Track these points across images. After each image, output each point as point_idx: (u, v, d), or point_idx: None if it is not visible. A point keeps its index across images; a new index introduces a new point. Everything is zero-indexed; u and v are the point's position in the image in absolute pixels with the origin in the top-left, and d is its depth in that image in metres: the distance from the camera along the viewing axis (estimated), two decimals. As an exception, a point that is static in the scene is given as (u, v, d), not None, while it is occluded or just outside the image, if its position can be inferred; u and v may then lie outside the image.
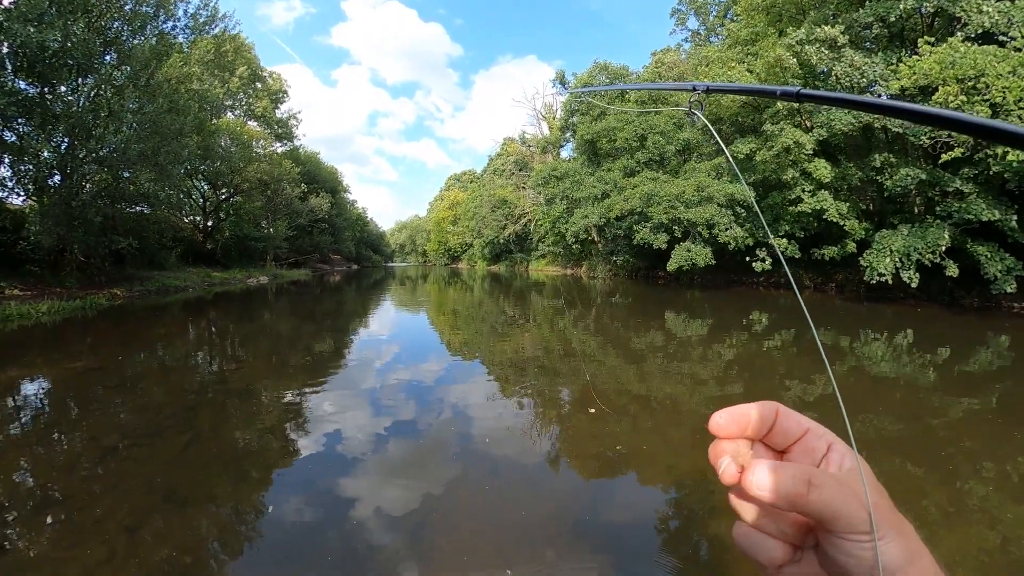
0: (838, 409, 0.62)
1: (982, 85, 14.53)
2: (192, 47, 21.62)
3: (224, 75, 30.59)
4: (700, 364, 7.67)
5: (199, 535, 3.00)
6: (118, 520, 3.09)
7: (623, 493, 3.69)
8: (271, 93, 39.92)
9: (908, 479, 3.92)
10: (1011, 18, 15.33)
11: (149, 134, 16.10)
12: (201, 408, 5.35)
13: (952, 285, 16.93)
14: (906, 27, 19.37)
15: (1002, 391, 6.49)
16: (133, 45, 16.21)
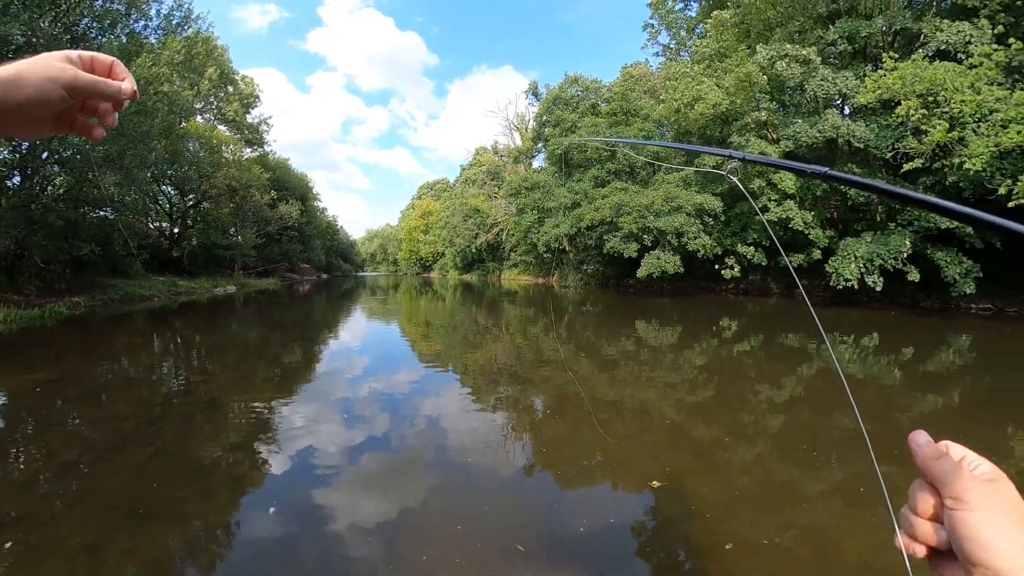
0: (851, 415, 0.62)
1: (941, 99, 15.20)
2: (162, 47, 21.12)
3: (194, 77, 29.94)
4: (674, 370, 7.76)
5: (166, 553, 2.89)
6: (79, 539, 2.96)
7: (599, 500, 3.70)
8: (242, 97, 39.22)
9: (879, 474, 4.01)
10: (968, 37, 16.09)
11: (115, 136, 15.64)
12: (166, 421, 5.17)
13: (914, 289, 17.56)
14: (869, 44, 20.17)
15: (964, 388, 6.74)
16: (102, 43, 15.76)
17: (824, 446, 4.68)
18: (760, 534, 3.17)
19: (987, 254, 16.29)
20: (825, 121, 18.75)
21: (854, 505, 3.58)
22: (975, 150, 14.55)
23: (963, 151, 15.08)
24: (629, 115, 30.21)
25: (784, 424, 5.33)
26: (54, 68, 0.56)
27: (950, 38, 16.37)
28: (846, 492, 3.79)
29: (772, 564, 2.86)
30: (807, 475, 4.09)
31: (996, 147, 14.22)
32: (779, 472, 4.17)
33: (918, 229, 16.82)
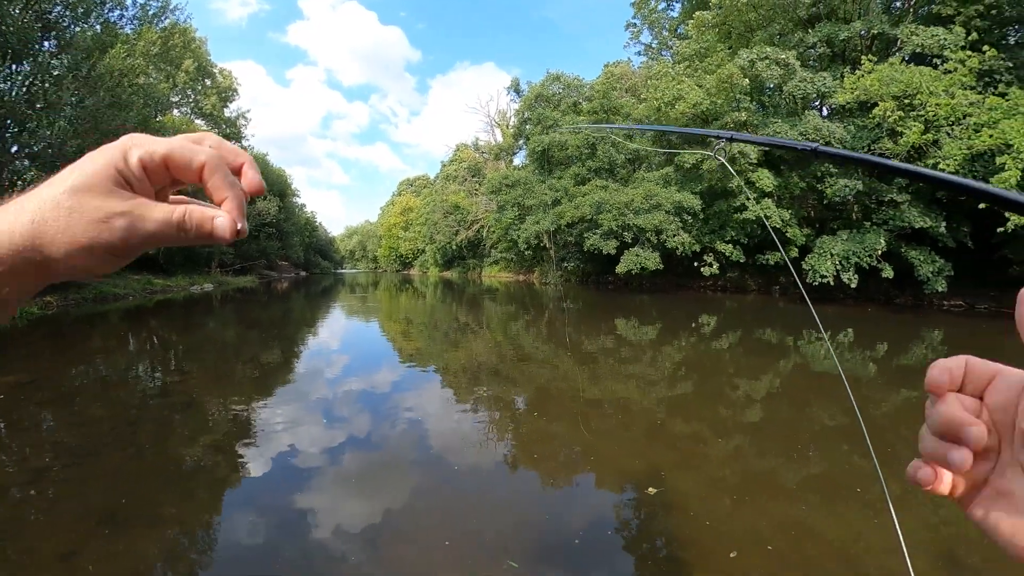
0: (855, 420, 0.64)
1: (917, 102, 15.59)
2: (137, 38, 20.61)
3: (170, 69, 29.33)
4: (655, 366, 7.83)
5: (144, 559, 2.84)
6: (54, 547, 2.89)
7: (580, 496, 3.72)
8: (220, 90, 38.57)
9: (854, 466, 4.11)
10: (943, 42, 16.52)
11: (88, 129, 15.19)
12: (142, 423, 5.07)
13: (888, 286, 17.98)
14: (848, 47, 20.58)
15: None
16: (75, 33, 15.28)
17: (808, 438, 4.76)
18: (766, 537, 3.22)
19: (959, 253, 16.75)
20: (807, 122, 19.08)
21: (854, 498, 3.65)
22: (949, 152, 14.94)
23: (937, 153, 15.47)
24: (610, 113, 30.37)
25: (768, 419, 5.42)
26: (88, 221, 0.37)
27: (925, 42, 16.79)
28: (840, 482, 3.87)
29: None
30: (796, 469, 4.17)
31: (969, 150, 14.61)
32: (772, 472, 4.24)
33: (893, 228, 17.24)
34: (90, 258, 0.37)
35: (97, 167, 0.38)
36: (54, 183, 0.38)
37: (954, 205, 16.52)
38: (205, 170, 0.40)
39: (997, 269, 16.20)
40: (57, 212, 0.37)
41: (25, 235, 0.36)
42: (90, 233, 0.37)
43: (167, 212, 0.39)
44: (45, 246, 0.37)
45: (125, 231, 0.38)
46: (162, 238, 0.39)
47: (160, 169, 0.39)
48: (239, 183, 0.42)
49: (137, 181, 0.39)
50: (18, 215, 0.37)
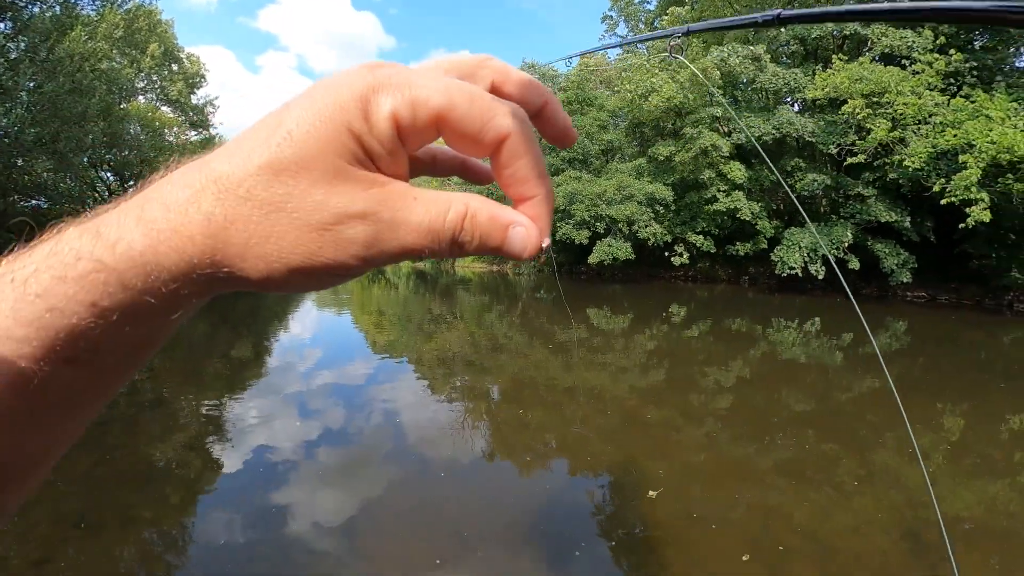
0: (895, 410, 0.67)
1: (885, 101, 16.10)
2: (99, 20, 19.84)
3: (134, 54, 28.36)
4: (627, 355, 7.94)
5: (119, 563, 2.78)
6: (24, 555, 2.80)
7: (553, 483, 3.77)
8: (187, 76, 37.45)
9: (821, 450, 4.25)
10: (912, 44, 17.10)
11: (47, 117, 14.60)
12: (110, 424, 4.93)
13: (855, 277, 18.52)
14: (820, 46, 21.08)
15: (900, 369, 7.17)
16: (32, 14, 14.63)
17: (778, 425, 4.89)
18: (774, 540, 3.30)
19: (922, 247, 17.36)
20: (779, 116, 19.49)
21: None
22: (914, 150, 15.43)
23: (903, 150, 15.95)
24: (584, 104, 30.50)
25: (740, 404, 5.54)
26: (302, 227, 0.24)
27: (894, 43, 17.35)
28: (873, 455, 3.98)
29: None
30: (768, 452, 4.27)
31: (933, 148, 15.11)
32: (748, 456, 4.34)
33: (859, 222, 17.78)
34: (304, 282, 0.25)
35: (319, 128, 0.23)
36: (235, 151, 0.24)
37: (918, 201, 17.07)
38: (506, 147, 0.25)
39: (958, 263, 16.84)
40: (248, 209, 0.23)
41: (197, 247, 0.23)
42: (306, 247, 0.23)
43: (436, 212, 0.24)
44: (230, 262, 0.24)
45: (364, 246, 0.24)
46: (418, 253, 0.25)
47: (426, 132, 0.24)
48: (546, 170, 0.27)
49: (386, 154, 0.24)
50: (184, 211, 0.23)
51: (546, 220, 0.27)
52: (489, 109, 0.24)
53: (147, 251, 0.23)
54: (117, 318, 0.23)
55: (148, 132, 27.91)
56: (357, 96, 0.23)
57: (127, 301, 0.23)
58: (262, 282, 0.24)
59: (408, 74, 0.24)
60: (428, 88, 0.24)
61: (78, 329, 0.23)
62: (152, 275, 0.23)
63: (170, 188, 0.24)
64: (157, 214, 0.23)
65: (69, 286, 0.23)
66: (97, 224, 0.24)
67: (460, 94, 0.24)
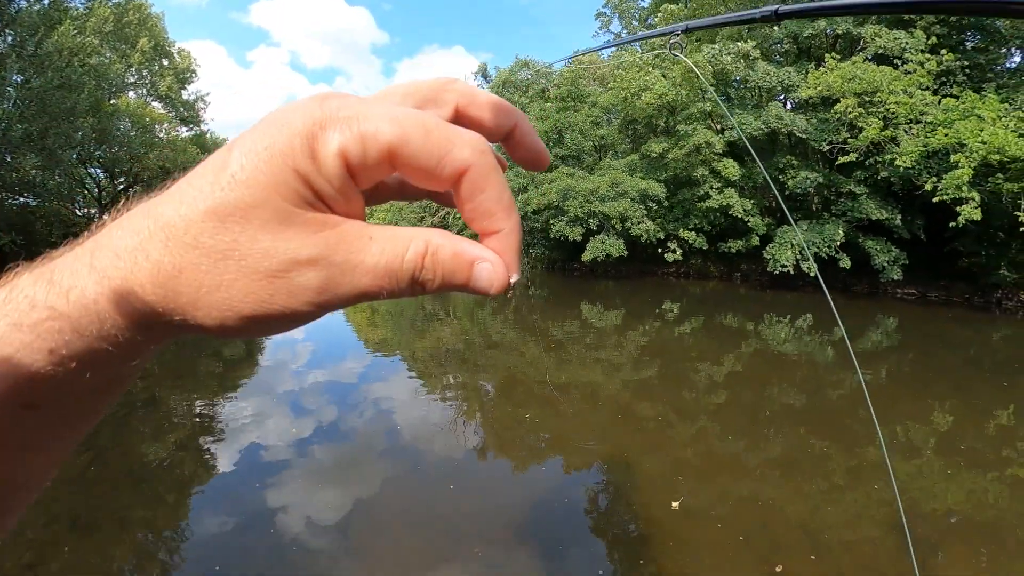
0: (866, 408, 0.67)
1: (877, 100, 16.27)
2: (88, 14, 19.61)
3: (125, 49, 28.06)
4: (620, 351, 7.96)
5: (113, 563, 2.76)
6: (16, 559, 2.77)
7: (547, 479, 3.78)
8: (178, 71, 37.11)
9: (813, 445, 4.28)
10: (904, 44, 17.28)
11: (36, 113, 14.42)
12: (102, 424, 4.82)
13: (846, 275, 18.68)
14: (813, 45, 21.23)
15: (891, 365, 7.23)
16: (20, 8, 14.44)
17: (769, 417, 4.92)
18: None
19: (913, 245, 17.53)
20: (769, 112, 19.61)
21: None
22: (906, 148, 15.58)
23: (895, 149, 16.10)
24: (578, 101, 30.53)
25: (731, 399, 5.57)
26: (252, 276, 0.22)
27: (888, 44, 17.55)
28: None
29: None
30: (760, 447, 4.30)
31: (924, 147, 15.27)
32: (737, 450, 4.36)
33: (851, 219, 17.96)
34: (259, 328, 0.23)
35: (263, 170, 0.21)
36: (182, 196, 0.23)
37: (909, 199, 17.23)
38: (466, 181, 0.23)
39: (948, 261, 17.02)
40: (196, 257, 0.22)
41: (148, 296, 0.22)
42: (256, 295, 0.22)
43: (393, 252, 0.23)
44: (182, 311, 0.23)
45: (317, 292, 0.22)
46: (375, 295, 0.23)
47: (378, 168, 0.23)
48: (513, 201, 0.25)
49: (337, 193, 0.22)
50: (133, 259, 0.23)
51: (513, 254, 0.25)
52: (446, 141, 0.22)
53: (100, 299, 0.22)
54: (76, 365, 0.23)
55: (138, 128, 27.65)
56: (302, 134, 0.21)
57: (84, 348, 0.23)
58: (216, 330, 0.23)
59: (358, 106, 0.22)
60: (378, 121, 0.22)
61: (37, 376, 0.22)
62: (107, 323, 0.22)
63: (120, 234, 0.23)
64: (107, 262, 0.23)
65: (25, 334, 0.22)
66: (51, 270, 0.24)
67: (414, 126, 0.22)
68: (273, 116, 0.23)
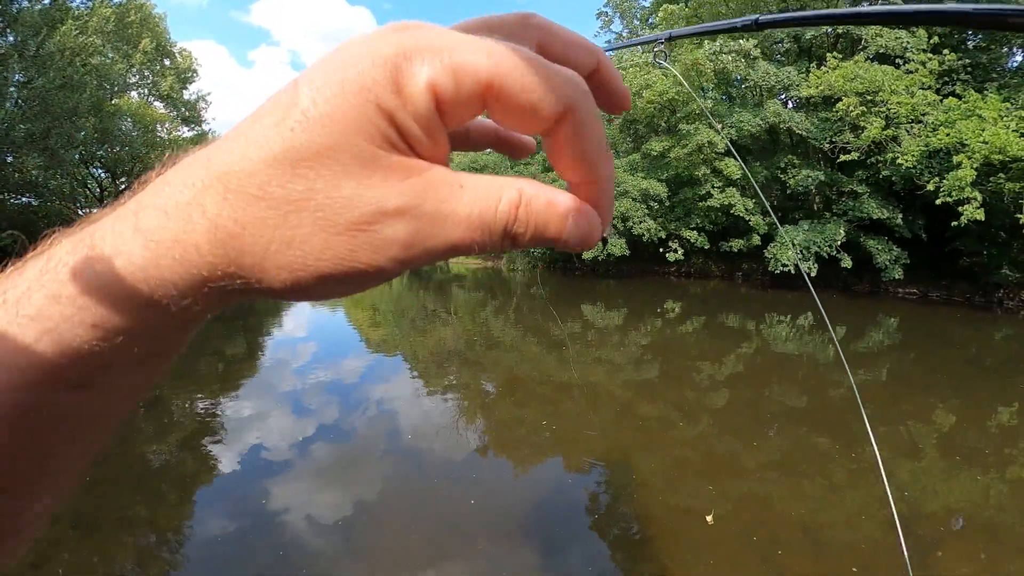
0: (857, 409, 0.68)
1: (879, 99, 16.28)
2: (90, 14, 19.63)
3: (127, 49, 28.10)
4: (622, 350, 7.96)
5: (116, 563, 2.76)
6: (21, 558, 2.78)
7: (550, 477, 3.79)
8: (179, 71, 37.16)
9: (813, 444, 4.28)
10: (905, 44, 17.29)
11: (38, 113, 14.43)
12: None
13: (847, 274, 18.67)
14: (814, 44, 21.24)
15: (892, 364, 7.23)
16: (21, 8, 14.45)
17: (773, 417, 4.93)
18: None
19: (914, 245, 17.52)
20: (767, 109, 19.63)
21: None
22: (907, 148, 15.58)
23: (896, 148, 16.10)
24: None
25: (733, 399, 5.57)
26: (330, 230, 0.19)
27: (889, 43, 17.54)
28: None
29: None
30: (761, 446, 4.30)
31: (926, 147, 15.27)
32: (735, 451, 4.36)
33: (852, 219, 17.96)
34: (335, 289, 0.21)
35: (341, 106, 0.18)
36: (241, 140, 0.20)
37: (911, 198, 17.23)
38: (568, 123, 0.20)
39: (949, 261, 17.01)
40: (262, 210, 0.19)
41: (205, 259, 0.19)
42: (336, 251, 0.19)
43: (486, 201, 0.20)
44: (246, 273, 0.20)
45: (405, 246, 0.20)
46: (466, 249, 0.21)
47: (470, 106, 0.20)
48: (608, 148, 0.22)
49: (424, 134, 0.20)
50: (186, 216, 0.19)
51: (608, 205, 0.23)
52: (547, 77, 0.20)
53: (149, 265, 0.19)
54: (123, 339, 0.20)
55: (140, 128, 27.69)
56: (385, 64, 0.18)
57: (132, 321, 0.20)
58: (285, 292, 0.20)
59: (446, 35, 0.19)
60: (472, 52, 0.19)
61: (81, 352, 0.20)
62: (157, 292, 0.20)
63: (168, 190, 0.20)
64: (154, 222, 0.20)
65: (65, 306, 0.20)
66: (91, 235, 0.21)
67: (512, 60, 0.19)
68: (346, 46, 0.20)
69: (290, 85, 0.20)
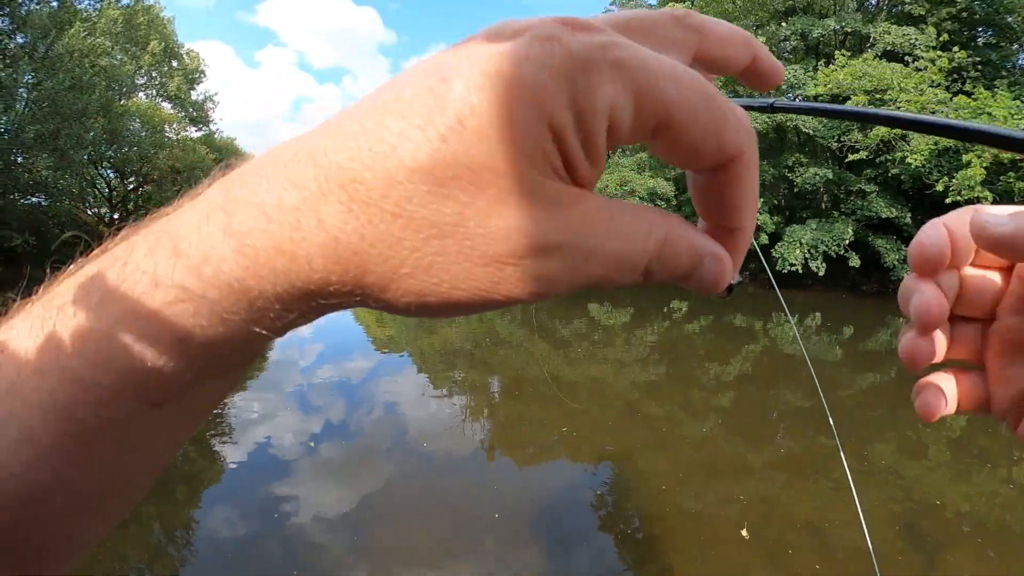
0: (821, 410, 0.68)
1: (888, 98, 16.19)
2: (98, 16, 19.77)
3: (135, 50, 28.27)
4: (629, 350, 7.95)
5: (123, 559, 2.79)
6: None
7: (556, 476, 3.79)
8: (187, 72, 37.34)
9: (820, 447, 4.26)
10: (914, 41, 17.18)
11: (48, 114, 14.54)
12: None
13: (855, 273, 18.58)
14: (821, 42, 21.12)
15: (900, 366, 7.19)
16: (30, 10, 14.57)
17: (777, 418, 4.91)
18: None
19: (922, 243, 17.42)
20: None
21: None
22: (916, 147, 15.47)
23: (905, 147, 15.99)
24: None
25: (739, 400, 5.56)
26: (476, 262, 0.16)
27: (897, 40, 17.43)
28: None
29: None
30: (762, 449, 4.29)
31: (935, 145, 15.16)
32: (740, 452, 4.35)
33: (860, 218, 17.86)
34: (457, 313, 0.18)
35: (508, 117, 0.15)
36: (368, 138, 0.16)
37: (919, 197, 17.11)
38: (735, 166, 0.19)
39: (958, 260, 16.92)
40: (397, 229, 0.16)
41: (317, 273, 0.16)
42: (478, 282, 0.17)
43: (635, 241, 0.18)
44: (364, 291, 0.17)
45: (547, 283, 0.17)
46: (598, 284, 0.18)
47: (639, 135, 0.18)
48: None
49: (588, 160, 0.17)
50: (295, 223, 0.16)
51: (742, 255, 0.21)
52: (724, 119, 0.18)
53: (246, 276, 0.17)
54: (213, 355, 0.19)
55: (148, 129, 27.86)
56: (562, 73, 0.15)
57: (223, 333, 0.18)
58: (403, 311, 0.18)
59: (629, 47, 0.16)
60: (662, 78, 0.16)
61: (165, 369, 0.18)
62: (256, 303, 0.17)
63: (267, 187, 0.17)
64: (251, 223, 0.17)
65: (147, 320, 0.18)
66: (172, 235, 0.18)
67: (696, 92, 0.17)
68: (495, 33, 0.17)
69: (430, 74, 0.16)
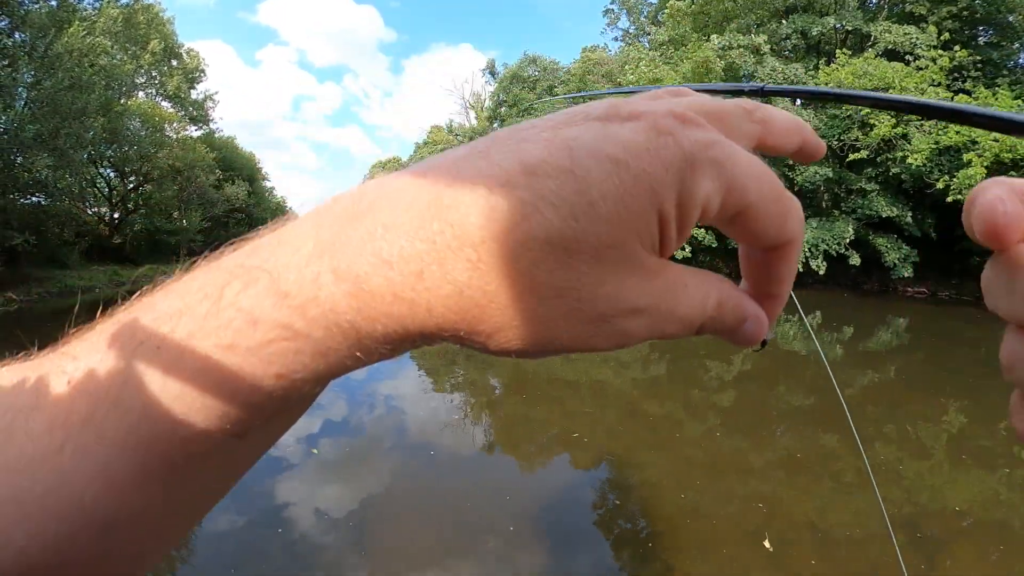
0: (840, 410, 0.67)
1: None
2: (98, 15, 19.74)
3: (135, 50, 28.27)
4: (629, 349, 7.95)
5: None
6: None
7: (556, 474, 3.78)
8: (187, 71, 37.34)
9: (822, 444, 4.26)
10: (915, 40, 17.16)
11: (47, 113, 14.50)
12: None
13: (855, 272, 18.57)
14: (822, 40, 21.09)
15: (900, 364, 7.18)
16: (29, 9, 14.54)
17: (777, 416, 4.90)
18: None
19: (923, 244, 17.39)
20: (777, 104, 19.58)
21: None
22: (917, 146, 15.46)
23: (906, 146, 15.98)
24: (586, 99, 30.61)
25: (739, 399, 5.55)
26: (579, 319, 0.18)
27: (898, 39, 17.41)
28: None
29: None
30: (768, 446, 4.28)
31: (936, 144, 15.14)
32: (743, 449, 4.35)
33: (861, 217, 17.82)
34: (546, 354, 0.20)
35: (629, 206, 0.17)
36: (496, 204, 0.17)
37: (920, 196, 17.10)
38: (783, 252, 0.22)
39: (959, 260, 16.85)
40: (519, 289, 0.17)
41: (434, 320, 0.17)
42: (574, 336, 0.19)
43: (699, 304, 0.21)
44: (471, 337, 0.18)
45: (630, 338, 0.20)
46: (660, 337, 0.21)
47: (718, 221, 0.20)
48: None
49: (678, 239, 0.20)
50: (417, 273, 0.17)
51: (777, 315, 0.24)
52: (787, 210, 0.20)
53: (358, 319, 0.17)
54: (308, 387, 0.19)
55: (148, 128, 27.86)
56: (675, 169, 0.18)
57: (324, 369, 0.18)
58: (499, 354, 0.19)
59: (722, 145, 0.19)
60: (748, 177, 0.19)
61: (256, 404, 0.18)
62: (364, 342, 0.18)
63: (385, 234, 0.17)
64: (365, 267, 0.17)
65: (243, 356, 0.18)
66: (272, 273, 0.18)
67: (770, 189, 0.20)
68: (614, 115, 0.19)
69: (553, 149, 0.18)
